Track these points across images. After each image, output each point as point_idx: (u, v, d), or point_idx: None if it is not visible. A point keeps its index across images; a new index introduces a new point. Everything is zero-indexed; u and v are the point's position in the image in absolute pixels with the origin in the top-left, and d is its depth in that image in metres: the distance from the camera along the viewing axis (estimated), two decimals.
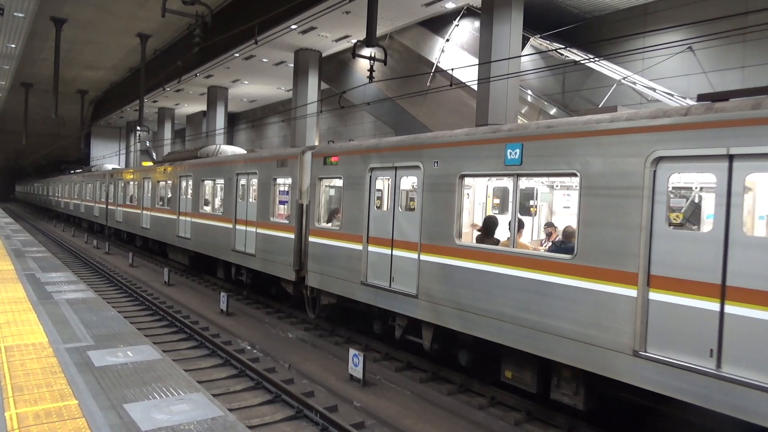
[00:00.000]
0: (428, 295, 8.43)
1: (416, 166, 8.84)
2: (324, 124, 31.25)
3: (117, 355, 6.39)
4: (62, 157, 59.72)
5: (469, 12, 20.19)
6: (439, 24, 21.30)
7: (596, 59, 16.11)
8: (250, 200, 14.18)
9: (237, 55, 25.21)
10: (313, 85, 24.70)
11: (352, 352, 8.93)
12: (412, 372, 9.43)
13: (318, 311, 11.80)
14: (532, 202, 10.10)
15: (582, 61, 15.70)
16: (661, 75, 16.66)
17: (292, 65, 25.48)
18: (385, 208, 10.09)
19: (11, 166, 74.97)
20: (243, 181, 14.60)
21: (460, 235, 8.14)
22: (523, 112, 18.47)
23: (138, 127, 33.28)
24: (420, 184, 8.70)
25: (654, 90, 16.02)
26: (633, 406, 6.86)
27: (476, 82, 15.79)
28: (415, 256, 8.70)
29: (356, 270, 9.91)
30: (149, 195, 21.99)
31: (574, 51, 17.14)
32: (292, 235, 12.16)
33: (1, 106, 48.05)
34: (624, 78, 16.49)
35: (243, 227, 14.30)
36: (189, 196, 18.05)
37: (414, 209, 9.04)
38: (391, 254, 9.18)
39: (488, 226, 8.70)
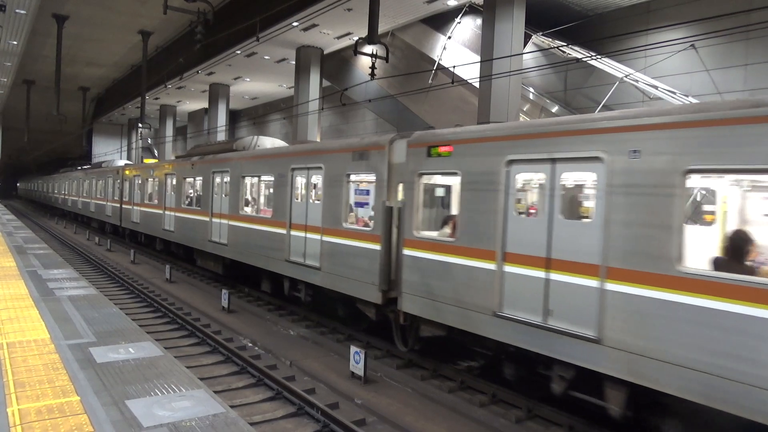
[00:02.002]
0: (623, 341, 5.96)
1: (596, 158, 6.37)
2: (325, 121, 31.26)
3: (119, 351, 6.40)
4: (64, 155, 59.78)
5: (471, 9, 20.17)
6: (441, 21, 21.28)
7: (598, 57, 16.09)
8: (313, 201, 11.69)
9: (239, 52, 25.22)
10: (314, 82, 24.71)
11: (353, 349, 8.94)
12: (413, 369, 9.44)
13: (412, 343, 9.54)
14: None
15: (584, 59, 15.68)
16: (664, 73, 16.63)
17: (294, 62, 25.49)
18: (533, 215, 7.65)
19: (13, 163, 75.06)
20: (301, 178, 12.23)
21: (680, 258, 5.60)
22: (525, 109, 18.45)
23: (140, 124, 33.34)
24: (604, 183, 6.27)
25: (656, 88, 15.99)
26: (633, 406, 6.86)
27: (478, 79, 15.78)
28: (594, 283, 6.26)
29: (484, 296, 7.49)
30: (173, 193, 19.53)
31: (576, 49, 17.11)
32: (376, 246, 9.47)
33: (3, 104, 48.07)
34: (626, 76, 16.46)
35: (301, 234, 11.82)
36: (225, 195, 15.51)
37: (589, 218, 6.73)
38: (547, 278, 6.73)
39: (739, 245, 5.85)
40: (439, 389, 8.59)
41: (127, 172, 26.04)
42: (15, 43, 28.08)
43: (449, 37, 21.07)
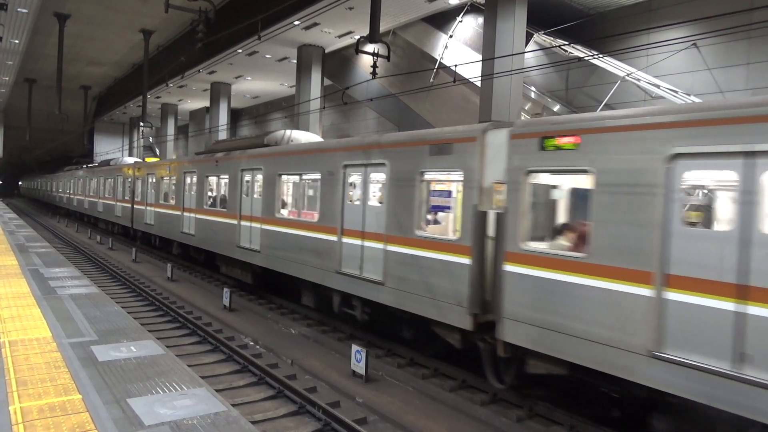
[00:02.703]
0: None
1: None
2: (326, 120, 31.25)
3: (120, 350, 6.41)
4: (65, 153, 59.81)
5: (472, 8, 20.15)
6: (442, 20, 21.26)
7: (600, 56, 16.06)
8: (372, 203, 10.08)
9: (240, 51, 25.21)
10: (316, 81, 24.70)
11: (354, 348, 8.95)
12: (414, 368, 9.45)
13: (511, 380, 7.86)
14: None
15: (586, 58, 15.66)
16: (666, 72, 16.61)
17: (295, 61, 25.48)
18: (714, 227, 5.97)
19: (14, 162, 75.15)
20: (357, 177, 10.53)
21: None
22: (526, 108, 18.44)
23: (141, 123, 33.30)
24: None
25: (658, 87, 15.97)
26: (634, 406, 6.86)
27: (480, 78, 15.77)
28: None
29: (633, 330, 5.90)
30: (194, 193, 17.74)
31: (578, 47, 17.09)
32: (464, 260, 7.88)
33: (5, 102, 48.13)
34: (628, 75, 16.44)
35: (356, 241, 10.08)
36: (258, 196, 14.00)
37: None
38: (740, 312, 5.14)
39: None
40: (440, 388, 8.60)
41: (139, 171, 24.09)
42: (17, 41, 28.12)
43: (451, 36, 21.05)
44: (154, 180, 21.96)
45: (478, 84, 16.36)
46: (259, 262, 13.62)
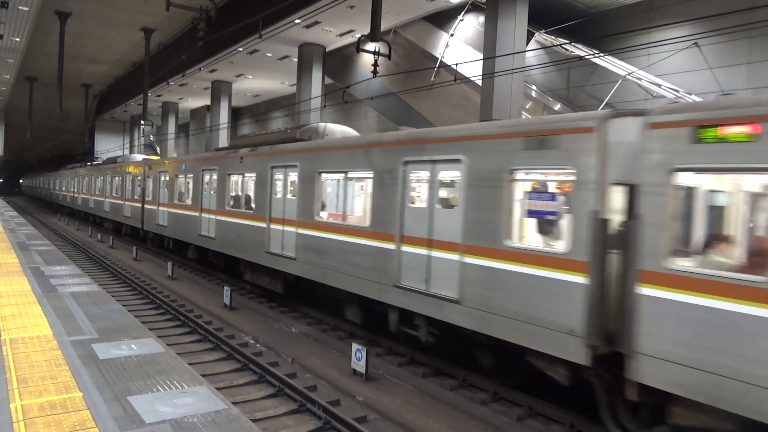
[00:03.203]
0: None
1: None
2: (327, 118, 31.19)
3: (121, 348, 6.42)
4: (66, 152, 59.86)
5: (473, 7, 20.14)
6: (443, 19, 21.26)
7: (601, 55, 16.05)
8: (439, 207, 8.56)
9: (241, 49, 25.21)
10: (316, 79, 24.72)
11: (354, 346, 8.95)
12: (414, 367, 9.45)
13: (641, 428, 6.38)
14: None
15: (587, 57, 15.65)
16: (667, 71, 16.60)
17: (296, 60, 25.49)
18: None
19: (15, 160, 75.22)
20: (421, 175, 9.04)
21: None
22: (527, 107, 18.43)
23: (142, 122, 33.30)
24: None
25: (659, 86, 15.96)
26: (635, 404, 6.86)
27: (480, 77, 15.77)
28: None
29: None
30: (214, 193, 16.30)
31: (579, 46, 17.08)
32: (578, 278, 6.44)
33: (6, 100, 48.19)
34: (629, 74, 16.43)
35: (421, 251, 8.61)
36: (292, 196, 12.51)
37: None
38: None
39: None
40: (441, 387, 8.60)
41: (150, 168, 22.50)
42: (18, 39, 28.15)
43: (452, 35, 21.04)
44: (167, 178, 20.40)
45: (479, 83, 16.35)
46: (294, 271, 12.07)
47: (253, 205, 14.20)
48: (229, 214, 15.25)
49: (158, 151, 47.37)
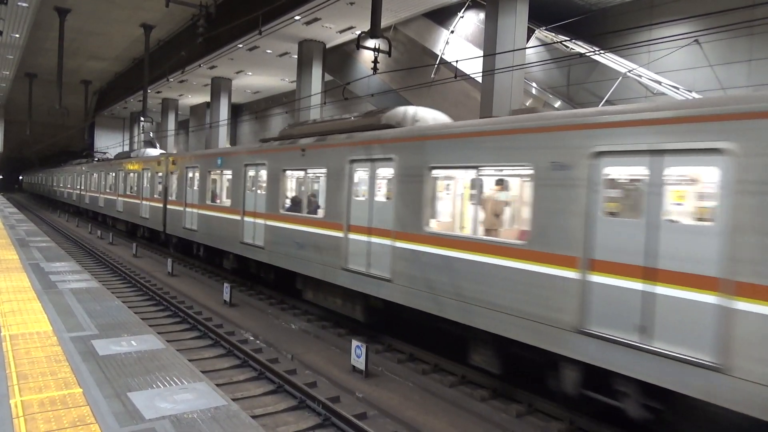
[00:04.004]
0: None
1: None
2: (327, 115, 31.22)
3: (121, 344, 6.42)
4: (66, 148, 59.83)
5: (473, 3, 20.11)
6: (443, 15, 21.23)
7: (602, 52, 16.03)
8: (628, 218, 6.19)
9: (241, 46, 25.19)
10: (316, 76, 24.70)
11: (354, 343, 8.96)
12: (414, 364, 9.45)
13: None
14: None
15: (587, 54, 15.63)
16: (667, 68, 16.58)
17: (296, 56, 25.45)
18: None
19: (15, 157, 75.20)
20: (635, 172, 6.20)
21: None
22: (527, 104, 18.41)
23: (142, 118, 33.28)
24: None
25: (660, 83, 15.94)
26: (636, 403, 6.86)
27: (481, 74, 15.75)
28: None
29: None
30: (262, 192, 13.66)
31: (580, 43, 17.06)
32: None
33: (6, 97, 48.14)
34: (629, 71, 16.41)
35: (634, 285, 5.95)
36: (387, 198, 9.73)
37: None
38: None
39: None
40: (440, 383, 8.61)
41: (174, 164, 19.74)
42: (17, 36, 28.12)
43: (452, 32, 21.01)
44: (195, 175, 17.68)
45: (479, 80, 16.34)
46: (389, 295, 9.32)
47: (321, 209, 11.51)
48: (286, 219, 12.46)
49: (158, 148, 47.32)
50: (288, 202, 12.90)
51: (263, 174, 13.56)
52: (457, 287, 8.07)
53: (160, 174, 21.05)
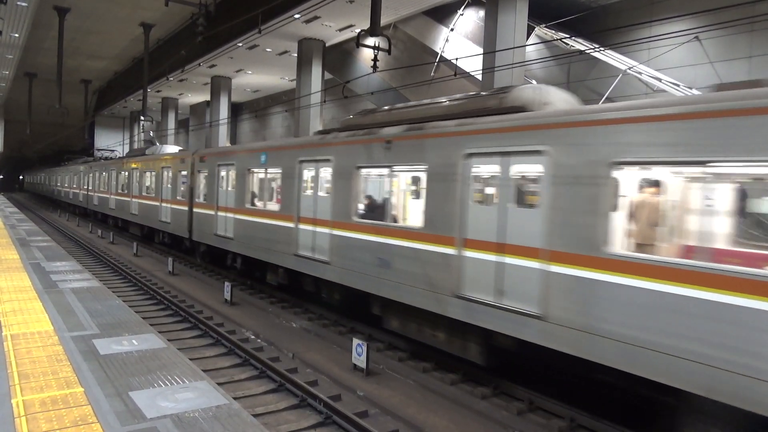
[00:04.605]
0: None
1: None
2: (327, 114, 31.21)
3: (122, 343, 6.42)
4: (66, 147, 59.81)
5: (473, 1, 20.09)
6: (443, 13, 21.20)
7: (602, 49, 16.01)
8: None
9: (240, 44, 25.16)
10: (316, 74, 24.67)
11: (355, 341, 8.96)
12: (415, 362, 9.46)
13: None
14: None
15: (587, 51, 15.61)
16: (668, 65, 16.55)
17: (296, 55, 25.43)
18: None
19: (15, 156, 75.21)
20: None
21: None
22: None
23: (142, 117, 33.25)
24: None
25: (660, 80, 15.92)
26: (636, 400, 6.88)
27: (480, 72, 15.74)
28: None
29: None
30: (325, 195, 11.31)
31: (580, 41, 17.03)
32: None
33: (6, 96, 48.14)
34: (630, 68, 16.39)
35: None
36: (524, 207, 7.45)
37: None
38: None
39: None
40: (441, 381, 8.62)
41: (202, 161, 17.51)
42: (16, 35, 28.11)
43: (452, 29, 20.99)
44: (231, 174, 15.43)
45: (479, 77, 16.32)
46: (539, 337, 6.92)
47: (421, 218, 8.92)
48: (360, 228, 10.15)
49: (158, 146, 47.28)
50: (361, 208, 10.49)
51: (326, 172, 11.38)
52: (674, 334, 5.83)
53: (184, 173, 18.77)
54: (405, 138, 9.33)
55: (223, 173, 15.93)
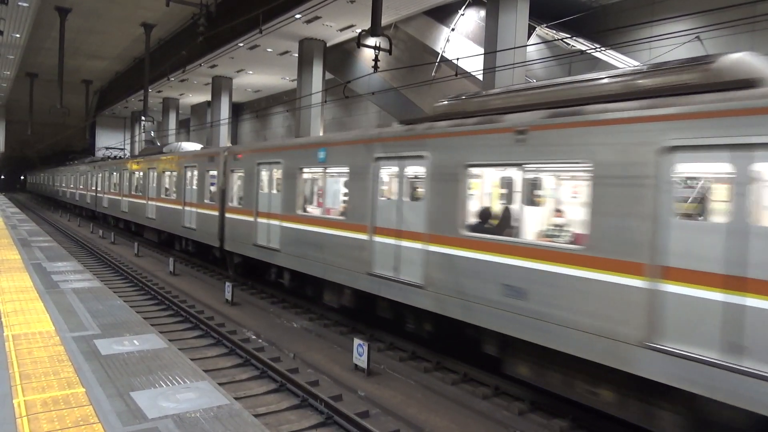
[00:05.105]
0: None
1: None
2: (328, 114, 31.23)
3: (123, 343, 6.43)
4: (67, 147, 59.88)
5: (474, 1, 20.09)
6: (444, 13, 21.21)
7: (603, 49, 16.01)
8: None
9: (241, 44, 25.18)
10: (317, 75, 24.69)
11: (356, 341, 8.96)
12: (416, 362, 9.46)
13: None
14: None
15: (588, 51, 15.60)
16: None
17: (297, 55, 25.44)
18: None
19: (16, 156, 75.31)
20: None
21: None
22: None
23: (143, 117, 33.27)
24: None
25: None
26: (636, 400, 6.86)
27: (482, 71, 15.74)
28: None
29: None
30: (426, 202, 8.73)
31: (580, 40, 17.03)
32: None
33: (7, 97, 48.19)
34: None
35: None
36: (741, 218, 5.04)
37: None
38: None
39: None
40: (442, 381, 8.62)
41: (236, 159, 15.17)
42: (18, 35, 28.14)
43: (453, 29, 20.99)
44: (276, 174, 13.32)
45: (480, 77, 16.32)
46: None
47: (589, 234, 6.32)
48: (473, 244, 7.85)
49: (158, 146, 47.34)
50: (472, 218, 8.35)
51: (417, 172, 9.25)
52: None
53: (213, 173, 16.57)
54: (550, 127, 6.87)
55: (265, 173, 13.70)
